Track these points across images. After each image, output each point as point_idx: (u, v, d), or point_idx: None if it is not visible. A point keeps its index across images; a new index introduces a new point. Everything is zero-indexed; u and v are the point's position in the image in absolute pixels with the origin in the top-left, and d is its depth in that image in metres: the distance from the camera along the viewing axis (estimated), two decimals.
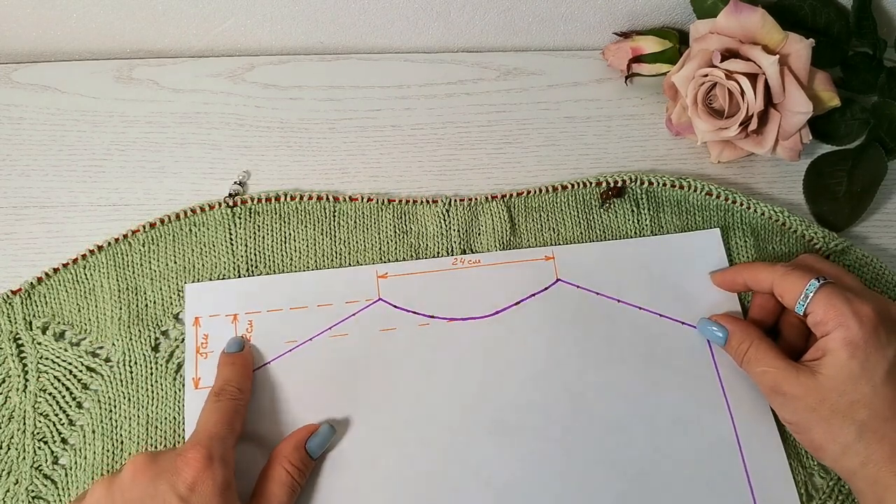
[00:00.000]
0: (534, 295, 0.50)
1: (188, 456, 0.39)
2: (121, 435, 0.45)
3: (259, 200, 0.52)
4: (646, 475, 0.45)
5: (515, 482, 0.44)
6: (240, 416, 0.43)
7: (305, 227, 0.51)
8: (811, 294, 0.43)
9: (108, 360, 0.47)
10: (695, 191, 0.54)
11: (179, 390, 0.46)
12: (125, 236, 0.50)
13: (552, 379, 0.47)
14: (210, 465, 0.39)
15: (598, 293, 0.50)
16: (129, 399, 0.46)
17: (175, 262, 0.50)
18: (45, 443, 0.45)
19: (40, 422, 0.46)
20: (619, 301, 0.50)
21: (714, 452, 0.46)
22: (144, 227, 0.50)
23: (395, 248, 0.51)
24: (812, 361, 0.42)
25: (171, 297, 0.49)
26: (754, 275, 0.47)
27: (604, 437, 0.46)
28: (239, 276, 0.50)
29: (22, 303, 0.48)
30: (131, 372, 0.47)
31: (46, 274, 0.49)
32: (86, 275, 0.49)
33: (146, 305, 0.49)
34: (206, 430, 0.41)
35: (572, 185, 0.54)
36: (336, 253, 0.51)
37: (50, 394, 0.46)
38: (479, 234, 0.52)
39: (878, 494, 0.40)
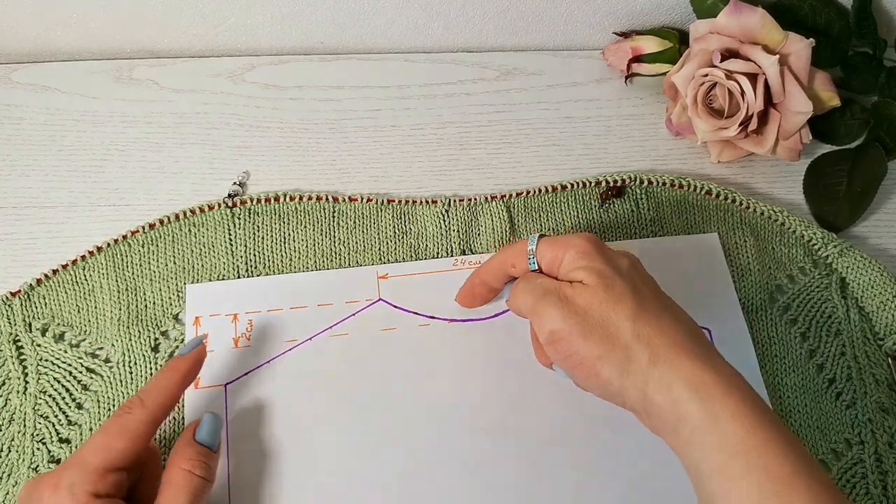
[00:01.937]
0: None
1: (39, 485, 0.36)
2: None
3: (259, 201, 0.52)
4: (645, 475, 0.45)
5: (515, 483, 0.44)
6: (128, 433, 0.38)
7: (305, 227, 0.51)
8: (534, 246, 0.43)
9: (107, 361, 0.47)
10: (694, 190, 0.54)
11: None
12: (125, 237, 0.50)
13: (552, 380, 0.47)
14: (54, 494, 0.35)
15: None
16: None
17: (175, 263, 0.50)
18: (46, 444, 0.45)
19: (40, 423, 0.45)
20: None
21: None
22: (144, 227, 0.50)
23: (395, 249, 0.51)
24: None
25: (170, 298, 0.49)
26: (484, 268, 0.46)
27: (604, 437, 0.46)
28: (239, 277, 0.50)
29: (21, 304, 0.48)
30: (131, 373, 0.47)
31: (46, 275, 0.49)
32: (85, 276, 0.49)
33: (146, 306, 0.49)
34: (76, 454, 0.37)
35: (572, 185, 0.54)
36: (336, 253, 0.51)
37: (50, 395, 0.46)
38: (479, 235, 0.52)
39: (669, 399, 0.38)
